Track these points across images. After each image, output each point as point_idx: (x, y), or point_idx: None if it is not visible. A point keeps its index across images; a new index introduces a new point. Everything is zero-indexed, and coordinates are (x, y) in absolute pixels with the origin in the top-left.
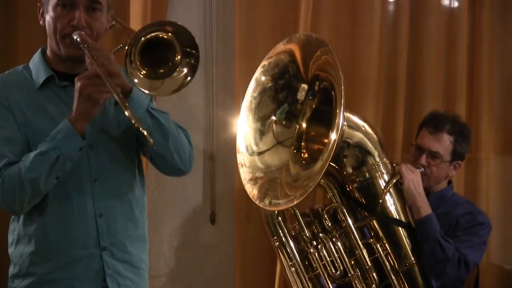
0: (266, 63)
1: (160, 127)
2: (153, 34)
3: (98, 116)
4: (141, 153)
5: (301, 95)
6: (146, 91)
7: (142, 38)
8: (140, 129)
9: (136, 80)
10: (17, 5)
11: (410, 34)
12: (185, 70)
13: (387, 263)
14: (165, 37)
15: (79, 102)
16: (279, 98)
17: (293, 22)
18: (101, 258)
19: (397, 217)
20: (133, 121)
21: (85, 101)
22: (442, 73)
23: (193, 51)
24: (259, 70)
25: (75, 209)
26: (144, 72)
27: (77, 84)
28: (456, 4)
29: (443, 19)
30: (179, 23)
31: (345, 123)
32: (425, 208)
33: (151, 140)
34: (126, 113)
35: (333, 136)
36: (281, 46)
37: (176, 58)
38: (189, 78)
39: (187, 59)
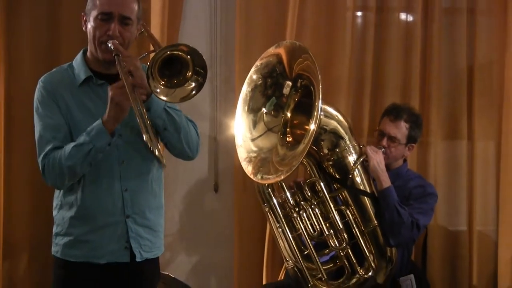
0: (258, 64)
1: (173, 122)
2: (169, 53)
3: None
4: (160, 141)
5: (286, 90)
6: (164, 98)
7: (160, 59)
8: (152, 150)
9: (158, 90)
10: (60, 16)
11: (374, 42)
12: (193, 84)
13: (355, 225)
14: (183, 55)
15: (110, 108)
16: (268, 92)
17: (282, 30)
18: (125, 224)
19: (363, 189)
20: (149, 145)
21: (115, 107)
22: (400, 73)
23: (202, 71)
24: (252, 69)
25: (105, 184)
26: (163, 82)
27: (110, 93)
28: (411, 18)
29: (401, 30)
30: (193, 47)
31: (322, 113)
32: (386, 181)
33: (164, 162)
34: (144, 136)
35: (312, 126)
36: (271, 50)
37: (188, 74)
38: (194, 92)
39: (196, 76)
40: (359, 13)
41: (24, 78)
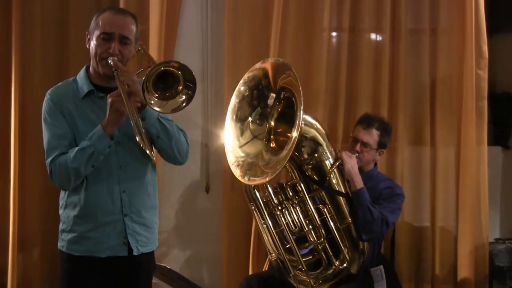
0: (246, 77)
1: (166, 131)
2: (163, 69)
3: (124, 123)
4: (154, 147)
5: (270, 101)
6: (157, 109)
7: (154, 74)
8: (144, 149)
9: (152, 102)
10: (68, 35)
11: (348, 58)
12: (184, 97)
13: (331, 222)
14: (175, 71)
15: (109, 113)
16: (254, 103)
17: (266, 49)
18: (123, 222)
19: (339, 189)
20: (141, 145)
21: (114, 112)
22: (371, 86)
23: (192, 85)
24: (240, 82)
25: (106, 186)
26: (157, 95)
27: (109, 100)
28: (380, 38)
29: (372, 48)
30: (183, 63)
31: (303, 122)
32: (359, 183)
33: (154, 159)
34: (137, 138)
35: (295, 133)
36: (257, 65)
37: (179, 88)
38: (184, 104)
39: (186, 90)
40: (334, 33)
41: (35, 90)
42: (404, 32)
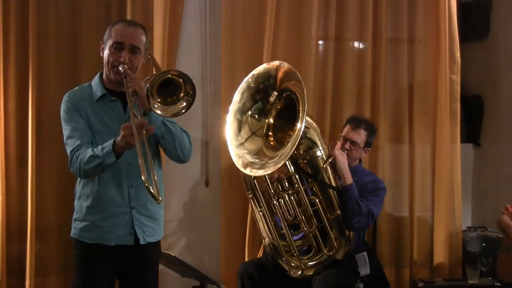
0: (262, 68)
1: (170, 132)
2: (169, 77)
3: None
4: (160, 147)
5: (271, 99)
6: (159, 113)
7: (158, 81)
8: (147, 187)
9: (155, 106)
10: (81, 45)
11: (334, 65)
12: (184, 104)
13: (322, 213)
14: (177, 79)
15: (121, 141)
16: (257, 97)
17: (259, 56)
18: (131, 214)
19: (330, 183)
20: (146, 185)
21: (125, 143)
22: (355, 90)
23: (192, 92)
24: (252, 72)
25: (115, 181)
26: (159, 100)
27: (121, 132)
28: (363, 46)
29: (355, 55)
30: (184, 72)
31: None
32: (349, 179)
33: (159, 199)
34: (142, 177)
35: (299, 125)
36: (275, 63)
37: (180, 95)
38: (184, 110)
39: (187, 97)
40: (321, 42)
41: (50, 95)
42: (384, 41)
